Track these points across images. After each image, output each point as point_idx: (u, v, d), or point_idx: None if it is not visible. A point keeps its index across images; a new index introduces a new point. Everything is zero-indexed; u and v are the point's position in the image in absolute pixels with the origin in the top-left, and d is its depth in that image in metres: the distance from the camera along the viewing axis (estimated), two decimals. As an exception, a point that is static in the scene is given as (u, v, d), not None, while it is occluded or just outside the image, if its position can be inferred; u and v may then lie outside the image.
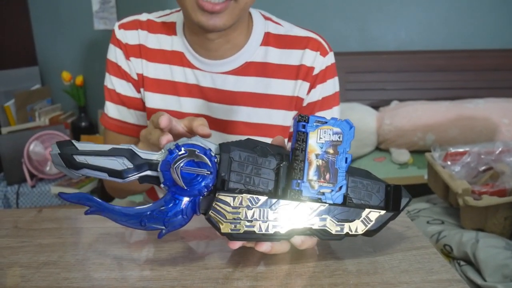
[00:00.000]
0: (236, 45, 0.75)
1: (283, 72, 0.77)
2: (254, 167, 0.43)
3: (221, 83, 0.76)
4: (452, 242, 1.03)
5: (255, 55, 0.76)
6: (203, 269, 0.44)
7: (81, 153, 0.41)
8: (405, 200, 0.45)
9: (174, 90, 0.78)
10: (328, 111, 0.80)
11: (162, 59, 0.78)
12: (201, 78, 0.77)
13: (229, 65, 0.76)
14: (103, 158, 0.41)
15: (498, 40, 2.10)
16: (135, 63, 0.79)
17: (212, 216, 0.42)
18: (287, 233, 0.42)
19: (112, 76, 0.81)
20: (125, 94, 0.81)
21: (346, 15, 2.13)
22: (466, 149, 1.16)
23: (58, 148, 0.41)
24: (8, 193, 1.84)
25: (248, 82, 0.77)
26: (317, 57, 0.76)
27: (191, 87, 0.78)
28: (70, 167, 0.41)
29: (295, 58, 0.76)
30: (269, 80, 0.77)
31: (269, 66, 0.76)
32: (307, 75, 0.76)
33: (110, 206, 0.43)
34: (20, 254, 0.48)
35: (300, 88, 0.77)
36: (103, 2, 2.16)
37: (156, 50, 0.79)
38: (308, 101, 0.78)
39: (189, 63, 0.77)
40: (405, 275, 0.43)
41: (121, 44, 0.79)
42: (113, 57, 0.81)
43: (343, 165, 0.43)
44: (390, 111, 1.90)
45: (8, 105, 2.01)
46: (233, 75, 0.76)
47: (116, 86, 0.81)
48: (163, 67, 0.78)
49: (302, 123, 0.42)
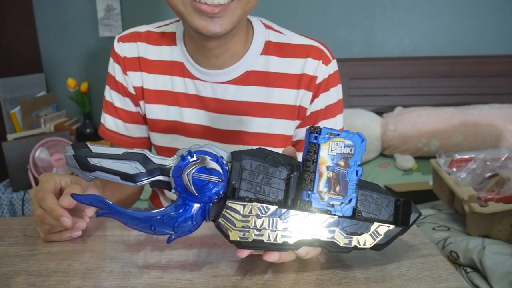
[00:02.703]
0: (236, 53, 0.74)
1: (284, 81, 0.75)
2: (264, 177, 0.43)
3: (222, 93, 0.75)
4: (458, 249, 1.03)
5: (255, 64, 0.75)
6: (212, 277, 0.44)
7: (95, 155, 0.42)
8: (414, 215, 0.45)
9: (175, 100, 0.78)
10: (332, 120, 0.79)
11: (162, 70, 0.78)
12: (201, 88, 0.76)
13: (229, 75, 0.75)
14: (116, 162, 0.42)
15: (503, 46, 2.10)
16: (132, 77, 0.79)
17: (221, 224, 0.42)
18: (295, 243, 0.43)
19: (111, 89, 0.82)
20: (122, 108, 0.82)
21: (350, 22, 2.13)
22: (471, 155, 1.15)
23: (73, 150, 0.42)
24: (13, 199, 1.85)
25: (249, 92, 0.75)
26: (320, 66, 0.75)
27: (192, 97, 0.77)
28: (84, 169, 0.42)
29: (297, 67, 0.75)
30: (270, 89, 0.75)
31: (270, 75, 0.75)
32: (309, 84, 0.75)
33: (121, 209, 0.43)
34: (30, 262, 0.48)
35: (303, 97, 0.76)
36: (108, 9, 2.18)
37: (156, 61, 0.78)
38: (312, 110, 0.77)
39: (189, 74, 0.76)
40: (413, 283, 0.43)
41: (119, 58, 0.79)
42: (111, 71, 0.81)
43: (354, 178, 0.43)
44: (394, 117, 1.90)
45: (14, 112, 2.02)
46: (233, 84, 0.75)
47: (114, 100, 0.82)
48: (163, 78, 0.78)
49: (314, 134, 0.43)
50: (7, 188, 1.90)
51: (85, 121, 2.22)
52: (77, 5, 2.20)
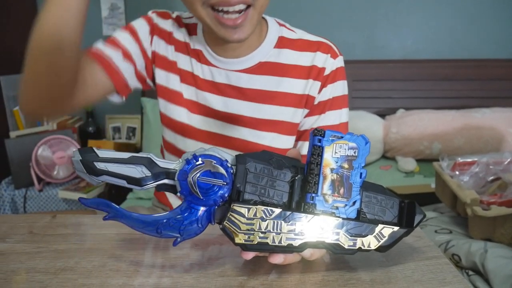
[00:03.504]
0: (251, 46, 0.79)
1: (294, 72, 0.80)
2: (269, 179, 0.43)
3: (235, 80, 0.80)
4: (460, 252, 1.03)
5: (268, 55, 0.80)
6: (219, 277, 0.45)
7: (102, 160, 0.42)
8: (419, 217, 0.45)
9: (193, 81, 0.83)
10: (337, 111, 0.82)
11: (185, 51, 0.83)
12: (216, 74, 0.81)
13: (243, 64, 0.80)
14: (123, 166, 0.42)
15: (504, 50, 2.10)
16: (156, 41, 0.83)
17: (226, 227, 0.42)
18: (300, 246, 0.43)
19: (127, 32, 0.81)
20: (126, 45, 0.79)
21: (352, 24, 2.14)
22: (474, 159, 1.16)
23: (80, 155, 0.42)
24: (15, 197, 1.85)
25: (261, 80, 0.80)
26: (328, 59, 0.80)
27: (208, 82, 0.82)
28: (91, 173, 0.42)
29: (306, 59, 0.80)
30: (281, 79, 0.80)
31: (281, 66, 0.80)
32: (318, 75, 0.80)
33: (127, 212, 0.43)
34: (37, 260, 0.49)
35: (312, 87, 0.80)
36: (112, 8, 2.18)
37: (181, 42, 0.83)
38: (319, 100, 0.81)
39: (206, 61, 0.81)
40: (418, 285, 0.44)
41: (152, 22, 0.83)
42: (136, 25, 0.82)
43: (358, 180, 0.43)
44: (397, 120, 1.90)
45: (17, 109, 2.03)
46: (246, 73, 0.80)
47: (121, 38, 0.80)
48: (184, 58, 0.83)
49: (318, 137, 0.43)
50: (9, 185, 1.90)
51: (87, 119, 2.23)
52: (81, 4, 2.20)
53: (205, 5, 0.69)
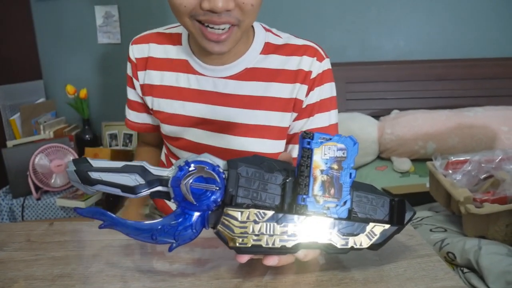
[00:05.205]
0: (237, 53, 0.80)
1: (281, 76, 0.80)
2: (261, 183, 0.44)
3: (223, 87, 0.81)
4: (455, 250, 1.04)
5: (255, 61, 0.81)
6: (214, 280, 0.46)
7: (96, 169, 0.43)
8: (409, 214, 0.46)
9: (179, 95, 0.83)
10: (326, 114, 0.83)
11: (168, 67, 0.84)
12: (203, 82, 0.81)
13: (230, 71, 0.80)
14: (116, 175, 0.43)
15: (497, 49, 2.12)
16: (141, 75, 0.86)
17: (220, 231, 0.43)
18: (293, 247, 0.43)
19: (128, 87, 0.91)
20: (136, 101, 0.91)
21: (345, 26, 2.15)
22: (466, 157, 1.17)
23: (74, 165, 0.43)
24: (13, 206, 1.85)
25: (248, 86, 0.80)
26: (314, 62, 0.80)
27: (194, 92, 0.82)
28: (85, 183, 0.43)
29: (293, 63, 0.80)
30: (268, 84, 0.80)
31: (268, 71, 0.81)
32: (305, 78, 0.80)
33: (122, 220, 0.44)
34: (35, 267, 0.49)
35: (299, 90, 0.80)
36: (106, 16, 2.19)
37: (163, 59, 0.84)
38: (307, 103, 0.81)
39: (193, 70, 0.81)
40: (410, 282, 0.45)
41: (131, 60, 0.87)
42: (128, 72, 0.90)
43: (348, 180, 0.44)
44: (391, 121, 1.91)
45: (13, 119, 2.03)
46: (233, 79, 0.80)
47: (130, 96, 0.92)
48: (169, 74, 0.84)
49: (307, 140, 0.43)
50: (7, 194, 1.90)
51: (84, 127, 2.23)
52: (76, 13, 2.21)
53: (192, 18, 0.70)
